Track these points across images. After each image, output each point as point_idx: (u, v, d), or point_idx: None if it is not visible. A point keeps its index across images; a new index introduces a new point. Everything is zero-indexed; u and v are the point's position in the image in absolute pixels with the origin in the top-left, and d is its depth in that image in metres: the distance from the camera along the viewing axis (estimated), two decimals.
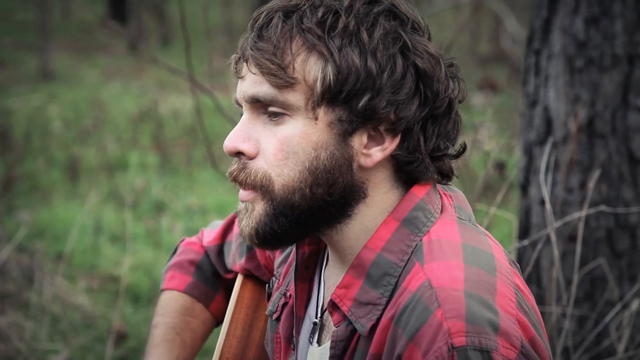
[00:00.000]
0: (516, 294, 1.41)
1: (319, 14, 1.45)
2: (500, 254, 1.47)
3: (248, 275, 1.90)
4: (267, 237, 1.50)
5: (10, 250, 4.23)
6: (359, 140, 1.47)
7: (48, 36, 10.20)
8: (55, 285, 4.47)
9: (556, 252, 2.70)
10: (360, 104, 1.44)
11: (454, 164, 1.55)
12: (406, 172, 1.50)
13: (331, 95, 1.44)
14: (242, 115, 1.52)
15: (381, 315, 1.44)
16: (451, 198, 1.54)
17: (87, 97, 9.33)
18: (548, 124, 2.92)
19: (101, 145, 7.53)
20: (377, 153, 1.47)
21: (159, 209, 6.18)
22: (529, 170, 2.98)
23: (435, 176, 1.52)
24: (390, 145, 1.47)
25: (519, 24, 9.21)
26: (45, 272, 4.52)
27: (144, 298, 4.74)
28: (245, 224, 1.51)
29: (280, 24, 1.45)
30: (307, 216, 1.48)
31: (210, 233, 1.99)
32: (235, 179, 1.51)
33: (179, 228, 5.84)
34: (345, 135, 1.46)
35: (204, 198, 6.44)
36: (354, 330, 1.48)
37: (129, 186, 6.48)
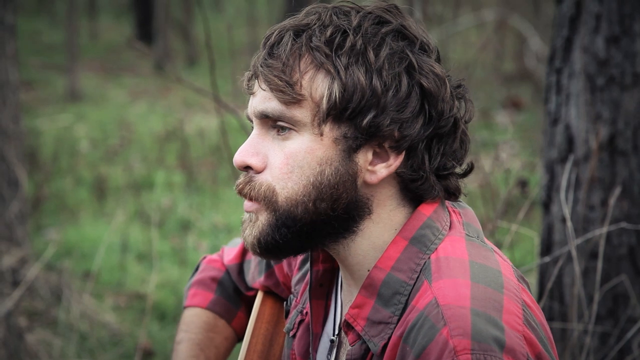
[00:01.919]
0: (523, 310, 1.43)
1: (328, 33, 1.49)
2: (508, 271, 1.50)
3: (268, 291, 1.92)
4: (269, 246, 1.53)
5: (39, 269, 4.28)
6: (363, 157, 1.50)
7: (75, 57, 10.30)
8: (83, 303, 4.52)
9: (578, 269, 2.71)
10: (365, 121, 1.47)
11: (462, 182, 1.57)
12: (412, 190, 1.52)
13: (337, 112, 1.48)
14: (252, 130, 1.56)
15: (392, 333, 1.47)
16: (460, 215, 1.57)
17: (114, 117, 9.41)
18: (569, 141, 2.94)
19: (128, 164, 7.59)
20: (382, 170, 1.50)
21: (184, 227, 6.23)
22: (551, 187, 3.00)
23: (442, 194, 1.54)
24: (395, 162, 1.50)
25: (542, 42, 9.22)
26: (73, 290, 4.56)
27: (169, 316, 4.78)
28: (248, 233, 1.55)
29: (290, 42, 1.50)
30: (310, 229, 1.51)
31: (230, 251, 2.02)
32: (240, 192, 1.55)
33: (204, 246, 5.88)
34: (350, 151, 1.49)
35: (229, 216, 6.48)
36: (367, 349, 1.51)
37: (155, 205, 6.54)
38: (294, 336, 1.70)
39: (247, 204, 1.55)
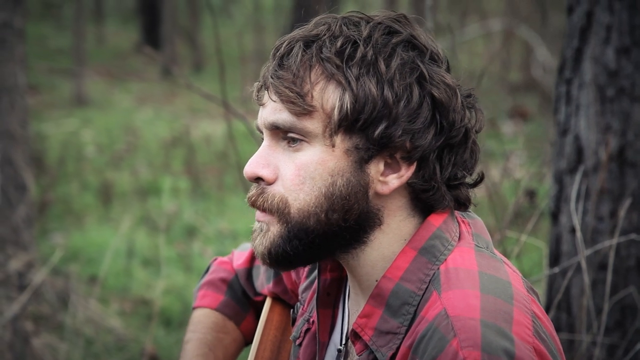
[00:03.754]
0: (533, 321, 1.43)
1: (338, 44, 1.48)
2: (517, 282, 1.49)
3: (276, 298, 1.92)
4: (279, 258, 1.53)
5: (45, 273, 4.28)
6: (375, 168, 1.49)
7: (82, 62, 10.33)
8: (89, 308, 4.52)
9: (587, 280, 2.71)
10: (377, 132, 1.47)
11: (472, 192, 1.57)
12: (422, 200, 1.52)
13: (348, 123, 1.47)
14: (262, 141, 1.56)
15: (400, 343, 1.47)
16: (469, 225, 1.56)
17: (120, 122, 9.43)
18: (579, 152, 2.94)
19: (134, 170, 7.61)
20: (394, 180, 1.50)
21: (190, 233, 6.23)
22: (560, 198, 3.00)
23: (452, 204, 1.53)
24: (407, 173, 1.49)
25: (549, 52, 9.22)
26: (79, 295, 4.57)
27: (175, 321, 4.78)
28: (259, 243, 1.54)
29: (300, 53, 1.49)
30: (321, 240, 1.51)
31: (240, 256, 2.01)
32: (253, 204, 1.54)
33: (210, 252, 5.89)
34: (361, 162, 1.49)
35: (234, 223, 6.48)
36: (375, 359, 1.50)
37: (161, 211, 6.54)
38: (300, 345, 1.70)
39: (259, 214, 1.54)
